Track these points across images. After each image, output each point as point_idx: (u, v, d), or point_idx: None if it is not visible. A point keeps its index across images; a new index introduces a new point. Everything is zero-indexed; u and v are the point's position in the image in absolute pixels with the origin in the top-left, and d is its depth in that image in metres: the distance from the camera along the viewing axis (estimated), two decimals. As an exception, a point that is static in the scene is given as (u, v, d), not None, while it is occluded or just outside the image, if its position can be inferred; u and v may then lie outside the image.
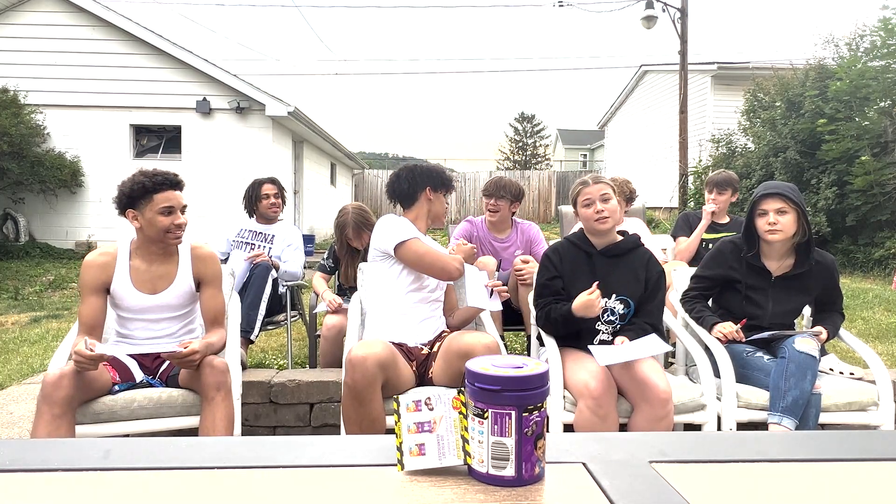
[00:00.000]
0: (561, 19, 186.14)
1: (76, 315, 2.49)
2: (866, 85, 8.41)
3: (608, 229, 2.57)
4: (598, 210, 2.54)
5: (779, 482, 0.87)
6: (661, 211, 15.41)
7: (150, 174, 2.38)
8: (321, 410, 3.03)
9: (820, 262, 2.65)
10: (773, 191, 2.56)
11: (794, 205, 2.53)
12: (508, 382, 0.85)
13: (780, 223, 2.54)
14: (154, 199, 2.35)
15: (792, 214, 2.54)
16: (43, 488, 0.83)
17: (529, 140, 43.49)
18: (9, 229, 10.01)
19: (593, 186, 2.57)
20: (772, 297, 2.65)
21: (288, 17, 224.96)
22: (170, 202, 2.37)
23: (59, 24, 10.31)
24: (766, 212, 2.56)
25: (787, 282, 2.64)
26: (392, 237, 2.55)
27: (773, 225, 2.54)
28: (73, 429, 2.15)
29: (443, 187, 2.70)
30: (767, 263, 2.66)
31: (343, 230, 3.58)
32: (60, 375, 2.12)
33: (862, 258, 8.38)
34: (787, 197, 2.53)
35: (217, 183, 10.27)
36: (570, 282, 2.59)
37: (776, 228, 2.54)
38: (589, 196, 2.56)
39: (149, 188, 2.35)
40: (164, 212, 2.36)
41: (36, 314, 6.11)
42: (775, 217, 2.54)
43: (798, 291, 2.66)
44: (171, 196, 2.38)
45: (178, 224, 2.39)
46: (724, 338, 2.57)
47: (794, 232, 2.57)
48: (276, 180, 4.05)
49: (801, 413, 2.33)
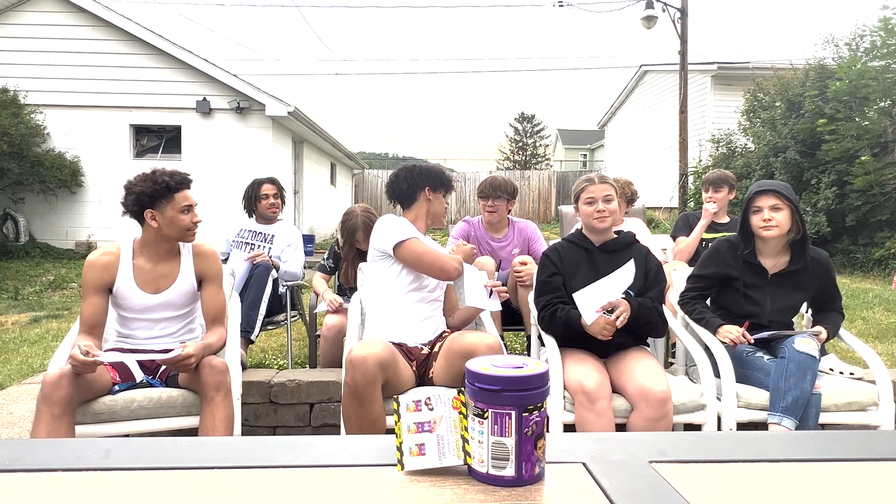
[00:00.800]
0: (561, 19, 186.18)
1: (76, 315, 2.50)
2: (866, 85, 8.41)
3: (605, 228, 2.61)
4: (599, 209, 2.57)
5: (779, 482, 0.87)
6: (661, 211, 15.41)
7: (170, 174, 2.43)
8: (321, 410, 3.03)
9: (815, 258, 2.66)
10: (767, 188, 2.58)
11: (788, 202, 2.55)
12: (508, 382, 0.85)
13: (775, 219, 2.55)
14: (175, 198, 2.41)
15: (786, 211, 2.56)
16: (43, 488, 0.83)
17: (529, 140, 43.49)
18: (9, 229, 10.01)
19: (598, 185, 2.60)
20: (769, 294, 2.66)
21: (288, 17, 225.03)
22: (188, 201, 2.45)
23: (59, 24, 10.30)
24: (761, 208, 2.57)
25: (784, 279, 2.65)
26: (391, 237, 2.55)
27: (768, 221, 2.56)
28: (73, 429, 2.15)
29: (442, 187, 2.70)
30: (763, 261, 2.67)
31: (353, 234, 3.52)
32: (60, 375, 2.12)
33: (862, 258, 8.38)
34: (781, 194, 2.55)
35: (217, 183, 10.26)
36: (570, 278, 2.60)
37: (771, 225, 2.56)
38: (592, 194, 2.59)
39: (172, 187, 2.40)
40: (184, 210, 2.43)
41: (36, 314, 6.11)
42: (770, 213, 2.55)
43: (795, 288, 2.66)
44: (189, 195, 2.46)
45: (195, 221, 2.47)
46: (733, 343, 2.55)
47: (789, 229, 2.58)
48: (276, 180, 4.05)
49: (801, 413, 2.33)
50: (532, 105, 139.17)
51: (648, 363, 2.43)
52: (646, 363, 2.43)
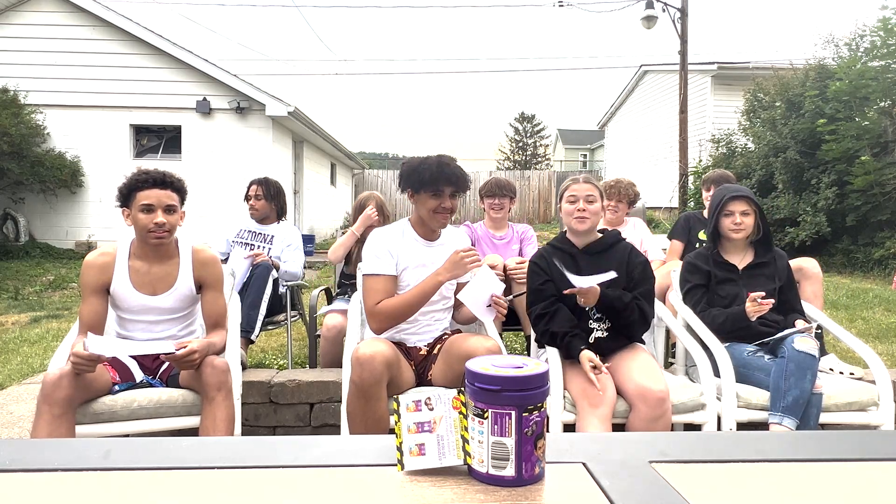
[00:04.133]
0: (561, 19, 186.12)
1: (76, 315, 2.49)
2: (866, 85, 8.41)
3: (585, 230, 2.60)
4: (579, 209, 2.57)
5: (779, 482, 0.87)
6: (662, 211, 15.40)
7: (143, 172, 2.38)
8: (321, 410, 3.03)
9: (779, 255, 2.90)
10: (738, 194, 2.85)
11: (755, 206, 2.84)
12: (508, 382, 0.85)
13: (744, 223, 2.82)
14: (136, 196, 2.35)
15: (752, 216, 2.84)
16: (43, 488, 0.83)
17: (529, 140, 43.52)
18: (9, 229, 10.01)
19: (581, 185, 2.61)
20: (743, 285, 2.79)
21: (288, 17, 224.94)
22: (149, 200, 2.33)
23: (59, 24, 10.31)
24: (733, 212, 2.83)
25: (753, 270, 2.85)
26: (363, 263, 2.53)
27: (739, 225, 2.82)
28: (73, 429, 2.15)
29: (421, 187, 2.47)
30: (730, 258, 2.89)
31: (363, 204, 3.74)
32: (60, 375, 2.12)
33: (862, 258, 8.38)
34: (750, 199, 2.83)
35: (217, 183, 10.27)
36: (559, 283, 2.59)
37: (740, 228, 2.82)
38: (575, 193, 2.60)
39: (132, 186, 2.35)
40: (143, 209, 2.34)
41: (36, 314, 6.11)
42: (741, 217, 2.81)
43: (766, 278, 2.82)
44: (152, 194, 2.34)
45: (156, 223, 2.34)
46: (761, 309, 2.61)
47: (752, 231, 2.86)
48: (265, 181, 3.99)
49: (801, 413, 2.33)
50: (532, 105, 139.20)
51: (646, 363, 2.43)
52: (644, 363, 2.42)
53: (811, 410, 2.37)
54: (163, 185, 2.36)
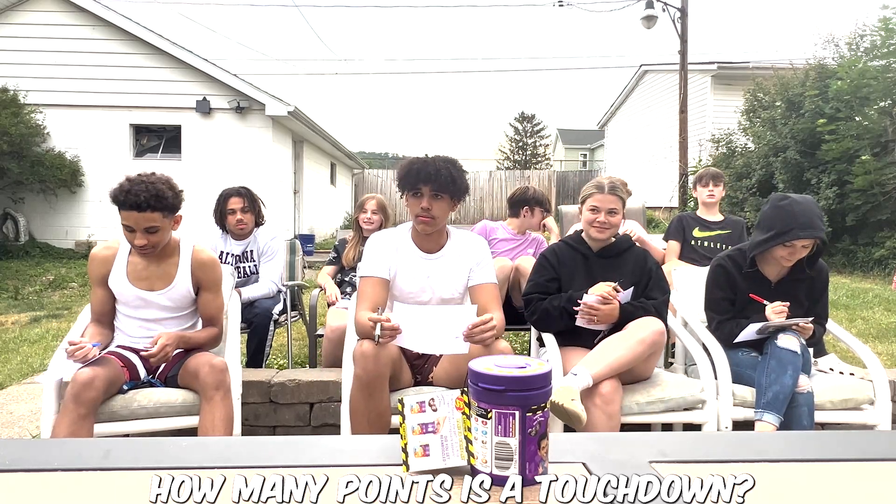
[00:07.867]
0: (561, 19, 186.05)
1: (76, 315, 2.50)
2: (866, 85, 8.40)
3: (603, 239, 2.61)
4: (600, 220, 2.57)
5: (779, 482, 0.87)
6: (661, 211, 15.41)
7: (120, 186, 2.27)
8: (321, 410, 3.03)
9: (818, 269, 2.67)
10: (811, 235, 2.49)
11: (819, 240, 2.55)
12: (512, 383, 0.85)
13: (801, 255, 2.56)
14: (121, 213, 2.30)
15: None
16: (43, 488, 0.83)
17: (529, 140, 43.50)
18: (9, 229, 10.01)
19: (606, 196, 2.56)
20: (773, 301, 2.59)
21: (288, 17, 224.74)
22: (128, 221, 2.29)
23: (59, 23, 10.30)
24: (794, 246, 2.52)
25: (786, 287, 2.65)
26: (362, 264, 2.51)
27: (793, 255, 2.56)
28: (93, 431, 2.14)
29: (408, 187, 2.36)
30: (765, 270, 2.67)
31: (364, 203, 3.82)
32: (94, 375, 2.11)
33: (862, 258, 8.38)
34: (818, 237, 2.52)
35: (217, 183, 10.11)
36: (566, 283, 2.61)
37: (794, 258, 2.56)
38: (597, 204, 2.58)
39: (114, 201, 2.29)
40: (125, 227, 2.32)
41: (36, 314, 6.11)
42: (800, 252, 2.54)
43: (796, 296, 2.64)
44: (131, 217, 2.26)
45: (138, 244, 2.31)
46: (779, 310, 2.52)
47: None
48: (245, 191, 3.69)
49: (783, 408, 2.33)
50: (532, 105, 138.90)
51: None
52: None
53: (801, 410, 2.36)
54: (140, 208, 2.24)
